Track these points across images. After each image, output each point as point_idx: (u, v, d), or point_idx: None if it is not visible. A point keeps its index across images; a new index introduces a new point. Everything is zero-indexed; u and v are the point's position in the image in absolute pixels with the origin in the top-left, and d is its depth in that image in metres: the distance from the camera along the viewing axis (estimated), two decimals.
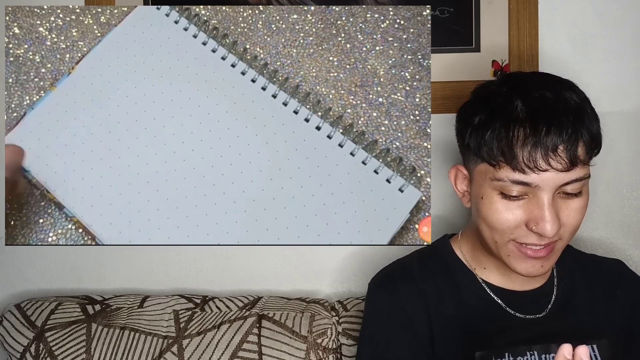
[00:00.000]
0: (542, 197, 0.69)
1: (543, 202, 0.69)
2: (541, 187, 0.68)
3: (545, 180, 0.68)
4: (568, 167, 0.67)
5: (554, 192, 0.69)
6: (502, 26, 1.01)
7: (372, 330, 0.81)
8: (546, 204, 0.69)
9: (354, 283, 1.07)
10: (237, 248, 1.05)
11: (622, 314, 0.81)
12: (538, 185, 0.68)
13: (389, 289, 0.81)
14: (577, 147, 0.68)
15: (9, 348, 0.97)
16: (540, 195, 0.69)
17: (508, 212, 0.71)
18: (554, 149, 0.67)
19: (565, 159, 0.67)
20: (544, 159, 0.67)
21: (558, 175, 0.68)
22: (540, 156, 0.67)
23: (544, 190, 0.69)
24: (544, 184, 0.68)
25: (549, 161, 0.67)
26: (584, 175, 0.70)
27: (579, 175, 0.69)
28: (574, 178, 0.68)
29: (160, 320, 0.97)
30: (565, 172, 0.68)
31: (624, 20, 1.01)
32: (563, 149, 0.67)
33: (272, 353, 0.93)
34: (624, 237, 1.05)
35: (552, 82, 0.72)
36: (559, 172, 0.67)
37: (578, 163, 0.68)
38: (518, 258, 0.73)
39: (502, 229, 0.72)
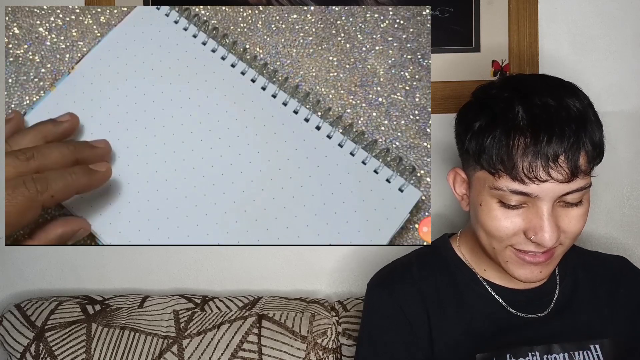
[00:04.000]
0: (541, 207, 0.68)
1: (542, 212, 0.68)
2: (541, 197, 0.67)
3: (545, 191, 0.67)
4: (569, 177, 0.66)
5: (554, 202, 0.68)
6: (502, 26, 1.01)
7: (371, 332, 0.81)
8: (545, 214, 0.68)
9: (354, 283, 1.07)
10: (237, 248, 1.05)
11: (625, 312, 0.81)
12: (538, 195, 0.67)
13: (387, 290, 0.80)
14: (578, 156, 0.66)
15: (9, 348, 0.97)
16: (540, 205, 0.68)
17: (506, 220, 0.70)
18: (554, 159, 0.65)
19: (566, 170, 0.66)
20: (544, 170, 0.66)
21: (558, 186, 0.67)
22: (540, 166, 0.66)
23: (544, 201, 0.68)
24: (544, 194, 0.67)
25: (549, 172, 0.66)
26: (585, 185, 0.69)
27: (580, 186, 0.68)
28: (574, 188, 0.68)
29: (160, 320, 0.97)
30: (566, 183, 0.67)
31: (624, 20, 1.01)
32: (564, 159, 0.66)
33: (272, 353, 0.93)
34: (624, 236, 1.05)
35: (554, 87, 0.71)
36: (560, 183, 0.66)
37: (579, 174, 0.67)
38: (516, 264, 0.73)
39: (499, 236, 0.71)
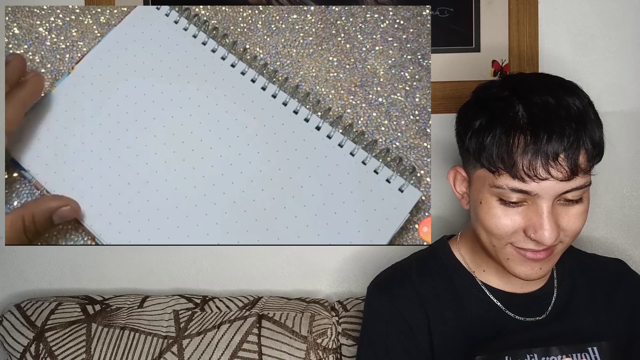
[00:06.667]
0: (541, 205, 0.68)
1: (542, 211, 0.68)
2: (540, 195, 0.68)
3: (545, 189, 0.67)
4: (569, 176, 0.66)
5: (554, 200, 0.68)
6: (502, 26, 1.01)
7: (371, 337, 0.81)
8: (545, 213, 0.68)
9: (354, 283, 1.07)
10: (237, 248, 1.05)
11: (623, 316, 0.81)
12: (537, 193, 0.68)
13: (387, 294, 0.80)
14: (578, 155, 0.67)
15: (9, 348, 0.97)
16: (540, 203, 0.68)
17: (506, 217, 0.70)
18: (554, 157, 0.66)
19: (566, 168, 0.66)
20: (544, 168, 0.66)
21: (558, 184, 0.67)
22: (540, 165, 0.66)
23: (543, 199, 0.68)
24: (544, 192, 0.67)
25: (549, 170, 0.66)
26: (585, 183, 0.69)
27: (580, 184, 0.68)
28: (574, 187, 0.68)
29: (160, 320, 0.97)
30: (566, 181, 0.67)
31: (624, 20, 1.01)
32: (564, 157, 0.66)
33: (272, 353, 0.93)
34: (624, 237, 1.05)
35: (554, 86, 0.71)
36: (560, 181, 0.67)
37: (579, 172, 0.67)
38: (517, 261, 0.73)
39: (499, 234, 0.72)
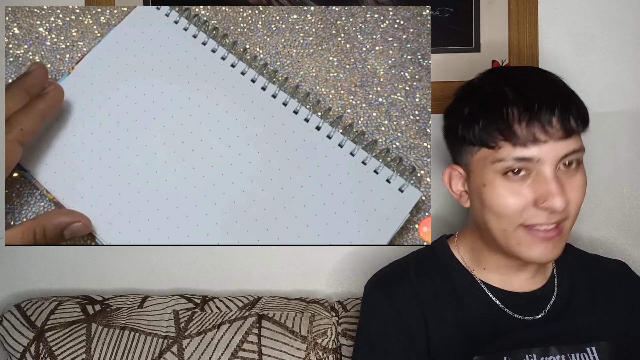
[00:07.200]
0: (545, 172, 0.70)
1: (548, 176, 0.70)
2: (543, 160, 0.70)
3: (546, 153, 0.70)
4: (565, 135, 0.70)
5: (556, 166, 0.71)
6: (502, 26, 1.01)
7: (369, 336, 0.81)
8: (551, 177, 0.70)
9: (354, 283, 1.07)
10: (237, 248, 1.05)
11: (623, 316, 0.81)
12: (540, 158, 0.70)
13: (385, 293, 0.80)
14: (569, 118, 0.71)
15: (9, 348, 0.97)
16: (544, 170, 0.70)
17: (512, 195, 0.72)
18: (549, 121, 0.70)
19: (561, 130, 0.70)
20: (541, 131, 0.69)
21: (557, 145, 0.70)
22: (538, 129, 0.70)
23: (546, 164, 0.70)
24: (545, 155, 0.70)
25: (546, 131, 0.69)
26: (580, 147, 0.73)
27: (576, 147, 0.72)
28: (571, 149, 0.71)
29: (160, 320, 0.97)
30: (563, 142, 0.70)
31: (624, 20, 1.01)
32: (557, 121, 0.70)
33: (272, 353, 0.93)
34: (624, 237, 1.05)
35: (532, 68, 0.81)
36: (557, 141, 0.70)
37: (573, 133, 0.71)
38: (529, 244, 0.73)
39: (508, 214, 0.72)
